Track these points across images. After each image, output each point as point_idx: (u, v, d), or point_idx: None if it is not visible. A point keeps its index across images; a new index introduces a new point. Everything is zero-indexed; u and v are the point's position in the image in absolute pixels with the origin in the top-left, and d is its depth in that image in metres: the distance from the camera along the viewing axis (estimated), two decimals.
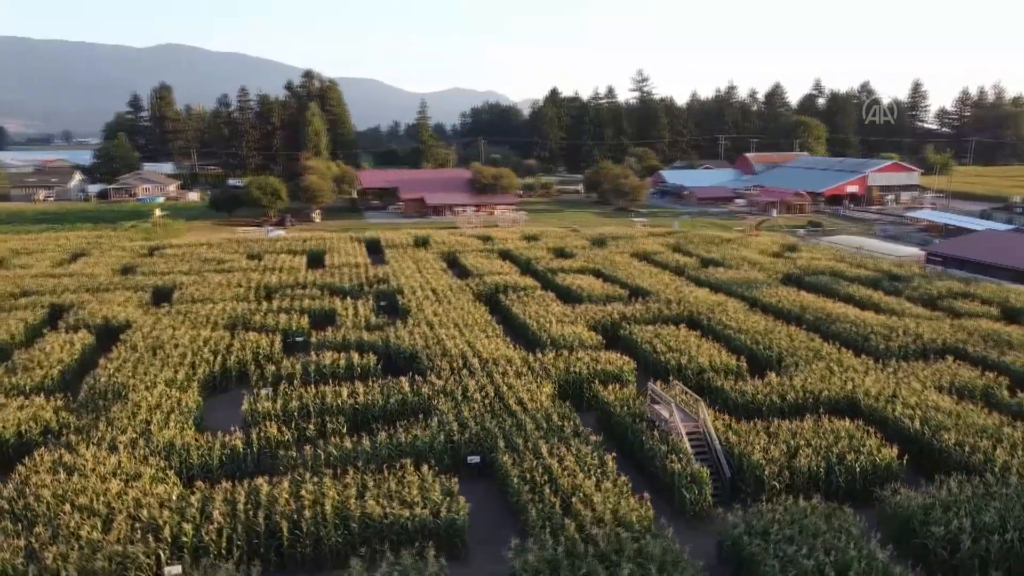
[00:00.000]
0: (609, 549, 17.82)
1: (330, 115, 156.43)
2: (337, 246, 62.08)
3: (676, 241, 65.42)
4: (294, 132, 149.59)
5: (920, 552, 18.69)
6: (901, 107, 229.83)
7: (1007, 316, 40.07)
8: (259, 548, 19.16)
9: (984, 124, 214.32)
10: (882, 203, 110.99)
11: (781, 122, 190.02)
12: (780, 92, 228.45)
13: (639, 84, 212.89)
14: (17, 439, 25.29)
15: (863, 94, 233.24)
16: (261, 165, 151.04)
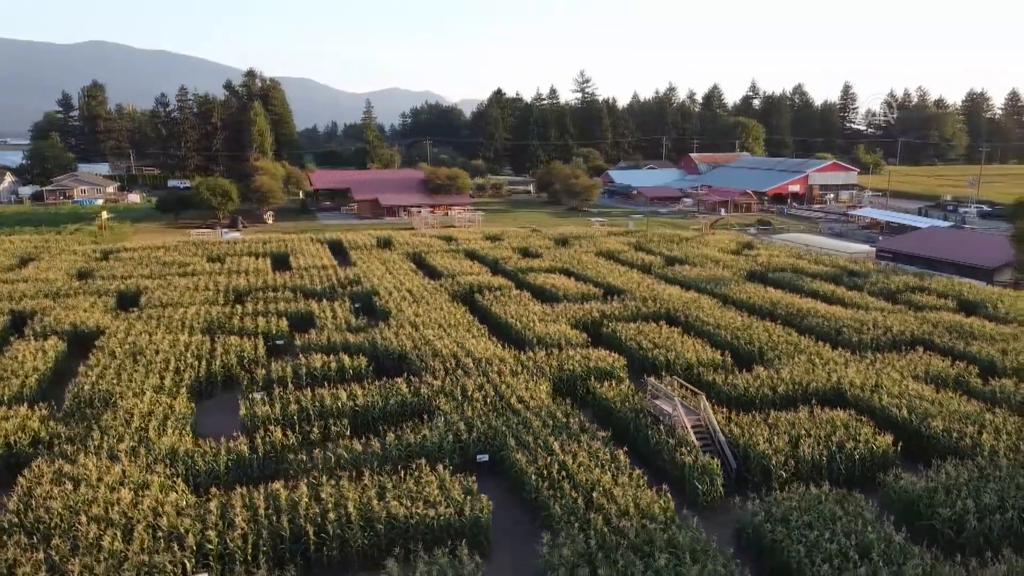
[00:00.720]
0: (640, 540, 18.25)
1: (273, 115, 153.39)
2: (300, 248, 61.20)
3: (637, 240, 66.59)
4: (236, 132, 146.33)
5: (927, 532, 19.62)
6: (833, 108, 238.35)
7: (963, 308, 42.09)
8: (285, 553, 18.97)
9: (909, 125, 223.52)
10: (823, 202, 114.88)
11: (720, 123, 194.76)
12: (718, 94, 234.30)
13: (581, 85, 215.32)
14: (6, 450, 24.38)
15: (795, 96, 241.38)
16: (201, 166, 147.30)
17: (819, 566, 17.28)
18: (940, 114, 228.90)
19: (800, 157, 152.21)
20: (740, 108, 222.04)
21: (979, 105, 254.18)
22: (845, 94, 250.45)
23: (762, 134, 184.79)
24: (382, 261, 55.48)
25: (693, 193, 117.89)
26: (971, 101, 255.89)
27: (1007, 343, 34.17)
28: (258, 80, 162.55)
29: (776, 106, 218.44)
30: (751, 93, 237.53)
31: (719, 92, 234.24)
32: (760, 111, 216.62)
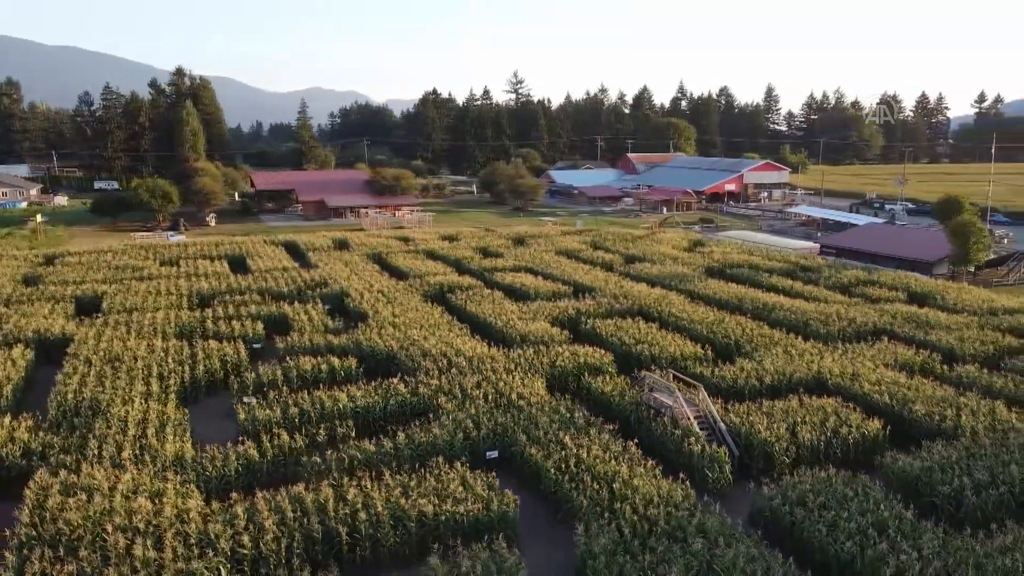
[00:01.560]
0: (671, 527, 18.89)
1: (204, 114, 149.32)
2: (255, 250, 60.01)
3: (592, 239, 67.68)
4: (166, 132, 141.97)
5: (927, 509, 20.87)
6: (758, 110, 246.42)
7: (913, 300, 44.43)
8: (317, 555, 18.89)
9: (829, 126, 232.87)
10: (757, 200, 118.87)
11: (652, 124, 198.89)
12: (647, 95, 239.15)
13: (515, 86, 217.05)
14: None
15: (721, 98, 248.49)
16: (129, 167, 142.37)
17: (842, 543, 18.28)
18: (857, 115, 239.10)
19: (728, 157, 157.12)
20: (670, 110, 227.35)
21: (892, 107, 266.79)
22: (768, 96, 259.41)
23: (693, 135, 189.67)
24: (344, 262, 54.96)
25: (634, 193, 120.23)
26: (884, 103, 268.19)
27: (961, 332, 36.32)
28: (187, 79, 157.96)
29: (704, 107, 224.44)
30: (679, 95, 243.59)
31: (648, 94, 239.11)
32: (689, 112, 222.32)
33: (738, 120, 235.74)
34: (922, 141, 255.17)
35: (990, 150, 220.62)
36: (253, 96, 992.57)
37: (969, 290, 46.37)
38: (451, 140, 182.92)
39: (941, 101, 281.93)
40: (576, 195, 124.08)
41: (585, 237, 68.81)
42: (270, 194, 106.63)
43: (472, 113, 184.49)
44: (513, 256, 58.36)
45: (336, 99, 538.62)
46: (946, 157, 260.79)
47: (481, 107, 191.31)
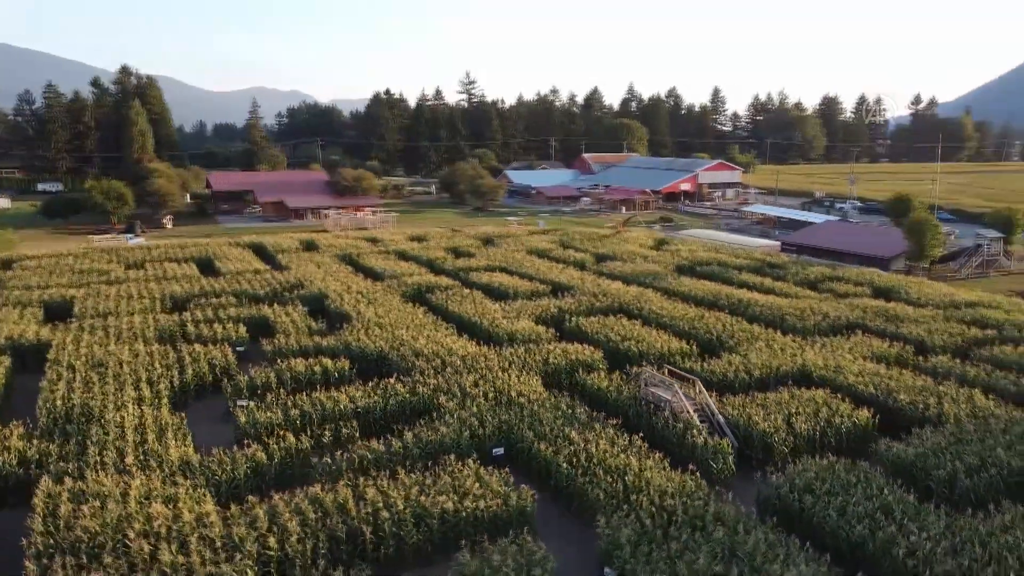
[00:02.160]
0: (690, 516, 19.44)
1: (151, 114, 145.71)
2: (222, 252, 59.00)
3: (560, 238, 68.31)
4: (111, 133, 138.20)
5: (922, 493, 21.85)
6: (706, 111, 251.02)
7: (878, 294, 46.09)
8: (342, 554, 18.92)
9: (774, 127, 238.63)
10: (712, 199, 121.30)
11: (605, 124, 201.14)
12: (598, 96, 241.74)
13: (467, 87, 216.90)
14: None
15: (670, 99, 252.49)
16: (74, 168, 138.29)
17: (853, 527, 19.08)
18: (802, 116, 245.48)
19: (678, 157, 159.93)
20: (621, 111, 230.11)
21: (833, 108, 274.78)
22: (715, 97, 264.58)
23: (645, 135, 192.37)
24: (316, 264, 54.49)
25: (592, 192, 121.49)
26: (826, 105, 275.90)
27: (929, 324, 37.87)
28: (133, 77, 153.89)
29: (654, 109, 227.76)
30: (629, 96, 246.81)
31: (599, 95, 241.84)
32: (640, 113, 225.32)
33: (687, 121, 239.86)
34: (863, 141, 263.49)
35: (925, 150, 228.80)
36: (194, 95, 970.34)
37: (930, 285, 48.31)
38: (405, 140, 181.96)
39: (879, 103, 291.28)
40: (534, 195, 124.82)
41: (553, 237, 69.43)
42: (226, 195, 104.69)
43: (426, 114, 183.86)
44: (485, 256, 58.60)
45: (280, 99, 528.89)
46: (885, 157, 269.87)
47: (435, 108, 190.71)
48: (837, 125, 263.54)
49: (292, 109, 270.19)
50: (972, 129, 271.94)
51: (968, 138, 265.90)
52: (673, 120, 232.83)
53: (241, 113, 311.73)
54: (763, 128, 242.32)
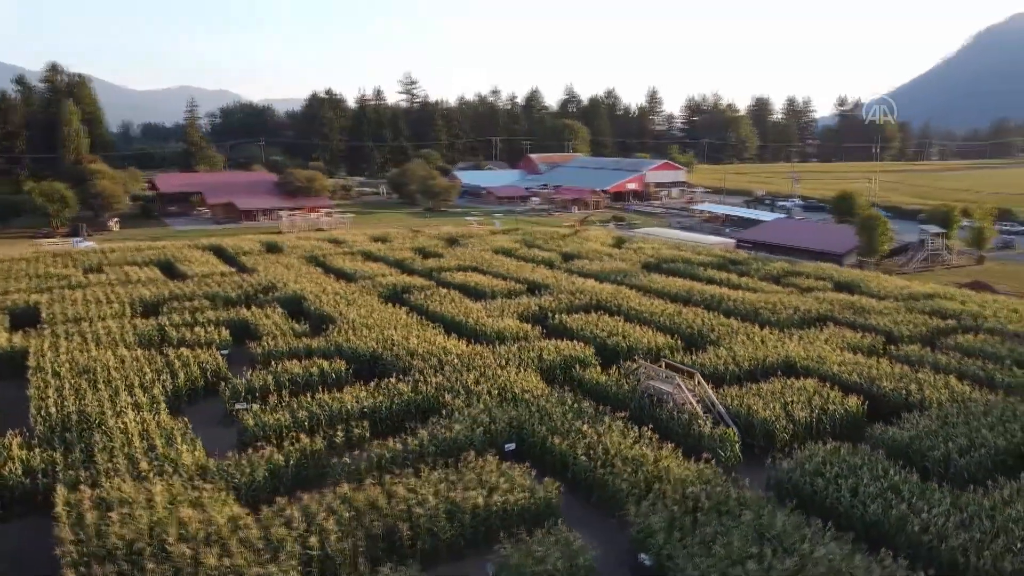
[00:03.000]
0: (715, 502, 20.22)
1: (84, 114, 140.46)
2: (182, 255, 57.72)
3: (524, 238, 68.91)
4: (40, 133, 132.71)
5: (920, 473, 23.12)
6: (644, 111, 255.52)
7: (839, 288, 48.04)
8: (379, 551, 19.08)
9: (710, 127, 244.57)
10: (658, 198, 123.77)
11: (548, 125, 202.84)
12: (538, 97, 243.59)
13: (408, 87, 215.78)
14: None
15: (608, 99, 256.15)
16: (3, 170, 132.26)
17: (868, 507, 20.18)
18: (736, 117, 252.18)
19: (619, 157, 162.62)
20: (562, 111, 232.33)
21: (764, 109, 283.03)
22: (651, 98, 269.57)
23: (588, 136, 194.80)
24: (283, 265, 53.82)
25: (541, 192, 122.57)
26: (757, 106, 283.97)
27: (893, 315, 39.77)
28: (63, 76, 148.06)
29: (595, 109, 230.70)
30: (568, 97, 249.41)
31: (539, 95, 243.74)
32: (581, 114, 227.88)
33: (626, 121, 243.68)
34: (793, 141, 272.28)
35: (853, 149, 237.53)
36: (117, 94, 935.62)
37: (887, 278, 50.65)
38: (349, 141, 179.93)
39: (808, 104, 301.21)
40: (484, 195, 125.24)
41: (516, 236, 69.99)
42: (172, 197, 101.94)
43: (369, 114, 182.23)
44: (453, 256, 58.79)
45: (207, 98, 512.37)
46: (815, 156, 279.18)
47: (378, 108, 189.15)
48: (768, 126, 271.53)
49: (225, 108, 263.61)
50: (896, 129, 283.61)
51: (892, 138, 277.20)
52: (613, 120, 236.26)
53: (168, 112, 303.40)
54: (699, 128, 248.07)
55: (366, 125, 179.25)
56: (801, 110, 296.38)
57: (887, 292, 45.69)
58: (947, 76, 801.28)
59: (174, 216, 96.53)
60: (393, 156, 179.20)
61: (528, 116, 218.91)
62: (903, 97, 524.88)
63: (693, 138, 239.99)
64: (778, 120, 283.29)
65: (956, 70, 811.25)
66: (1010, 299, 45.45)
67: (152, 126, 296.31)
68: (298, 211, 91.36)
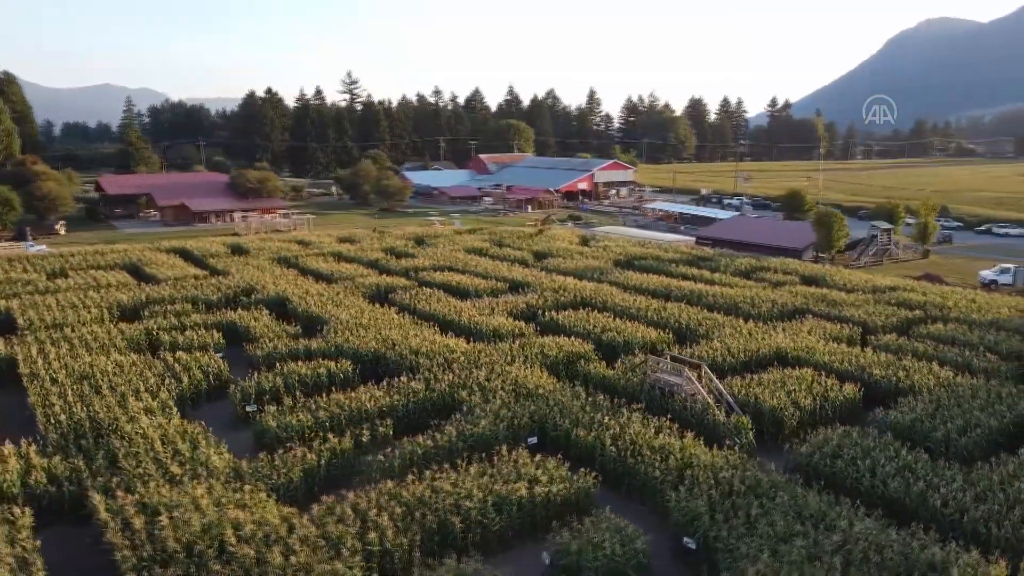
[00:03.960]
0: (747, 487, 21.18)
1: (13, 112, 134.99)
2: (148, 258, 56.28)
3: (492, 237, 69.36)
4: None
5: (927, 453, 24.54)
6: (585, 112, 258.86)
7: (806, 282, 50.00)
8: (434, 545, 19.40)
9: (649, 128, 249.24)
10: (607, 198, 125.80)
11: (493, 125, 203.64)
12: (479, 97, 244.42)
13: (348, 87, 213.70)
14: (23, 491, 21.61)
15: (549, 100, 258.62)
16: None
17: (888, 485, 21.45)
18: (675, 118, 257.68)
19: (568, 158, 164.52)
20: (505, 111, 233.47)
21: (699, 110, 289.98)
22: (591, 99, 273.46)
23: (532, 136, 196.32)
24: (255, 267, 53.05)
25: (493, 192, 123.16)
26: (692, 106, 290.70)
27: (864, 307, 41.74)
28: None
29: (538, 109, 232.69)
30: (510, 97, 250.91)
31: (480, 95, 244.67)
32: (524, 114, 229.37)
33: (567, 122, 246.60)
34: (728, 141, 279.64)
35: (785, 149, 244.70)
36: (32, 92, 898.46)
37: (848, 272, 52.98)
38: (291, 141, 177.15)
39: (740, 104, 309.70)
40: (436, 195, 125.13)
41: (483, 236, 70.38)
42: (119, 199, 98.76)
43: (312, 114, 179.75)
44: (425, 256, 58.86)
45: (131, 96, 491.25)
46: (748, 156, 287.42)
47: (321, 108, 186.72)
48: (706, 126, 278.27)
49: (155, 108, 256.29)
50: (823, 129, 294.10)
51: (821, 138, 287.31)
52: (555, 121, 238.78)
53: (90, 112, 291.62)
54: (638, 129, 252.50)
55: (309, 125, 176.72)
56: (734, 111, 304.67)
57: (854, 285, 47.84)
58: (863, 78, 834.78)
59: (121, 219, 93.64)
60: (337, 156, 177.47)
61: (472, 116, 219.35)
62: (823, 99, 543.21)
63: (633, 138, 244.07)
64: (714, 121, 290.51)
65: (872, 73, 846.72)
66: (965, 290, 48.11)
67: (75, 126, 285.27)
68: (253, 212, 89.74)
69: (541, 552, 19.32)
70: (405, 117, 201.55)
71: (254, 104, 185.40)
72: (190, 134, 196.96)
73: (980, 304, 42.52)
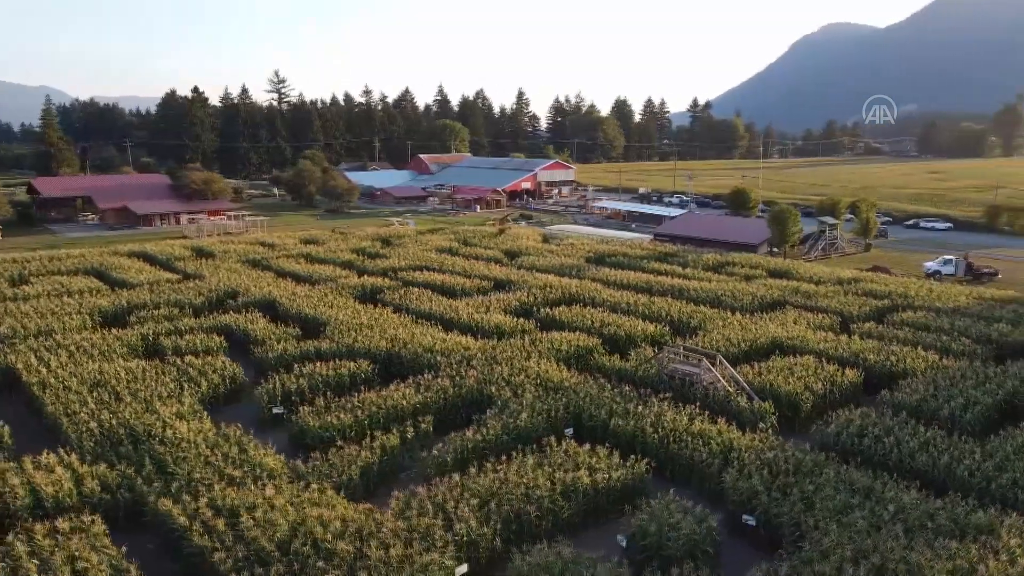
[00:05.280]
0: (792, 466, 22.52)
1: None
2: (111, 263, 54.39)
3: (457, 237, 69.67)
4: None
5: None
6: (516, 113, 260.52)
7: (773, 275, 52.28)
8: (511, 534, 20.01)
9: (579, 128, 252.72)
10: (550, 197, 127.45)
11: (426, 125, 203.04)
12: (409, 97, 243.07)
13: (277, 86, 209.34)
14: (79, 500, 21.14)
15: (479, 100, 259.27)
16: None
17: (917, 456, 23.18)
18: (603, 119, 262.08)
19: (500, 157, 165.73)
20: (439, 112, 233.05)
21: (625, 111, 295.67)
22: (519, 99, 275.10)
23: (467, 136, 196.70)
24: (228, 270, 52.01)
25: (438, 192, 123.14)
26: (618, 107, 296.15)
27: (836, 298, 44.08)
28: None
29: (471, 110, 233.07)
30: (440, 98, 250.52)
31: (411, 95, 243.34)
32: (457, 114, 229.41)
33: (499, 122, 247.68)
34: (653, 141, 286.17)
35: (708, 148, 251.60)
36: None
37: (808, 266, 55.69)
38: (221, 141, 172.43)
39: (663, 105, 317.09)
40: (379, 196, 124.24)
41: (449, 235, 70.62)
42: (55, 202, 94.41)
43: (244, 113, 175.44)
44: (397, 256, 58.80)
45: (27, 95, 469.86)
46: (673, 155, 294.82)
47: (252, 108, 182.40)
48: (632, 126, 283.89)
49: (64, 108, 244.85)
50: (743, 129, 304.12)
51: (741, 138, 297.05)
52: (486, 121, 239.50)
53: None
54: (568, 129, 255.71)
55: (240, 125, 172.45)
56: (658, 112, 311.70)
57: (820, 278, 50.35)
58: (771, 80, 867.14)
59: (59, 223, 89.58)
60: (270, 157, 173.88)
61: (405, 116, 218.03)
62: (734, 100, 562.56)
63: (563, 138, 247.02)
64: (639, 121, 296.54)
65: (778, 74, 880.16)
66: (921, 280, 51.31)
67: None
68: (200, 215, 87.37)
69: (616, 536, 20.17)
70: (338, 117, 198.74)
71: (176, 103, 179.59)
72: (104, 135, 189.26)
73: (938, 293, 45.48)
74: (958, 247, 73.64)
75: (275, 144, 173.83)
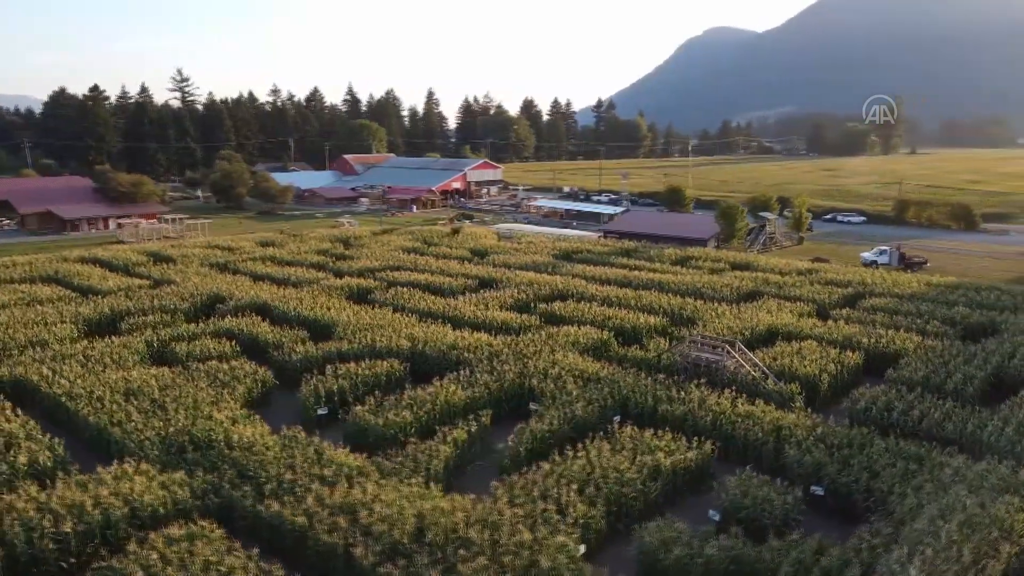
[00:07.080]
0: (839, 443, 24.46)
1: None
2: (67, 270, 51.89)
3: (414, 237, 69.65)
4: None
5: None
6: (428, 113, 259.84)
7: (736, 268, 55.08)
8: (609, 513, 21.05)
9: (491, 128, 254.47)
10: (480, 196, 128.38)
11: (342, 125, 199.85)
12: (319, 96, 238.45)
13: (180, 84, 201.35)
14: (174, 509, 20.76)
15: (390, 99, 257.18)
16: None
17: (944, 426, 25.60)
18: (515, 119, 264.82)
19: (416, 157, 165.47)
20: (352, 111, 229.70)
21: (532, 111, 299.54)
22: (429, 99, 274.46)
23: (385, 136, 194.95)
24: (198, 275, 50.52)
25: (369, 193, 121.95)
26: (526, 107, 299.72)
27: (804, 287, 46.99)
28: None
29: (384, 109, 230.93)
30: (349, 97, 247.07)
31: (320, 95, 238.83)
32: (371, 114, 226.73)
33: (412, 122, 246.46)
34: (562, 141, 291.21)
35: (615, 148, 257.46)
36: None
37: (765, 258, 58.88)
38: (128, 142, 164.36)
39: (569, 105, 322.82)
40: (307, 197, 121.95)
41: (409, 236, 70.51)
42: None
43: (151, 113, 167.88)
44: (367, 256, 58.51)
45: None
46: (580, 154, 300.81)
47: (161, 108, 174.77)
48: (542, 126, 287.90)
49: None
50: (646, 129, 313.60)
51: (644, 137, 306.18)
52: (400, 121, 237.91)
53: None
54: (479, 129, 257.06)
55: (147, 125, 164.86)
56: (565, 111, 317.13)
57: (781, 269, 53.43)
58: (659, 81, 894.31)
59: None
60: (180, 158, 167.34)
61: (318, 116, 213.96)
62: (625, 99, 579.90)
63: (474, 138, 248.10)
64: (548, 120, 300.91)
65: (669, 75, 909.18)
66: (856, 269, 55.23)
67: None
68: (132, 218, 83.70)
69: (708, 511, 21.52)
70: (251, 117, 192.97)
71: (68, 102, 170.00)
72: None
73: (894, 281, 49.20)
74: (876, 239, 79.06)
75: (184, 145, 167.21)
